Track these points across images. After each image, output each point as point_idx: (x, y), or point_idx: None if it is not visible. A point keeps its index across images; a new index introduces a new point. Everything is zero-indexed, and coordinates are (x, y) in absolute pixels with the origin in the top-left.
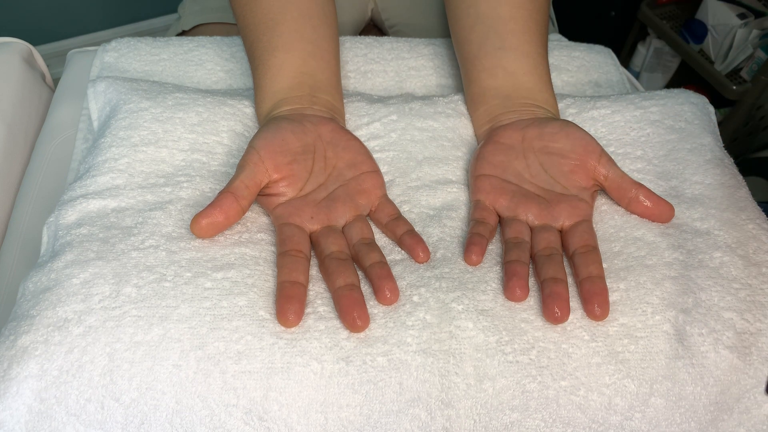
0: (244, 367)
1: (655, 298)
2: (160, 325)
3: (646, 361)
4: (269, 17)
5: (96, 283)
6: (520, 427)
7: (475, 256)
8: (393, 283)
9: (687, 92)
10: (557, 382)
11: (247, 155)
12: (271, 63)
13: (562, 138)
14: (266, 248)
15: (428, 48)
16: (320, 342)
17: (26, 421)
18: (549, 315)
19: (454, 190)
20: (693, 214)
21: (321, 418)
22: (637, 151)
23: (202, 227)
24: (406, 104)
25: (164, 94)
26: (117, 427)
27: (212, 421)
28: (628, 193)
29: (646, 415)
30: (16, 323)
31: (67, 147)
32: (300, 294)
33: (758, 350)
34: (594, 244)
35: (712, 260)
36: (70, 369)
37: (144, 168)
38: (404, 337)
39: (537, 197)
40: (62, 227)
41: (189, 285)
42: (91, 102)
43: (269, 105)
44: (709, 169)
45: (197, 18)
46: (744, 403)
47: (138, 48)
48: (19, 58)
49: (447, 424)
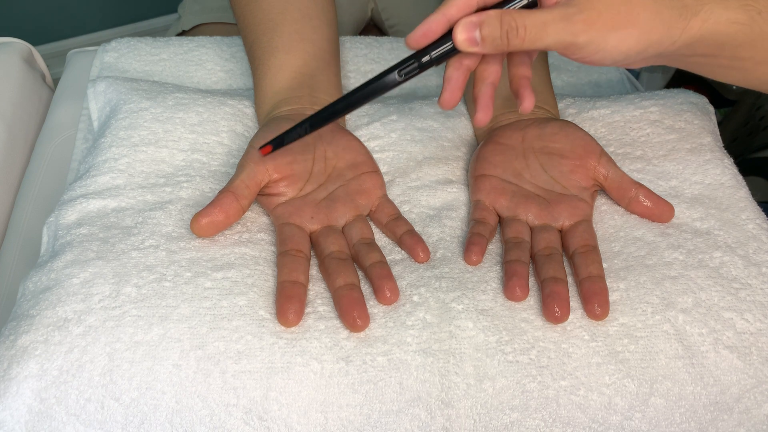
0: (244, 367)
1: (655, 298)
2: (160, 324)
3: (646, 361)
4: (269, 18)
5: (96, 283)
6: (520, 426)
7: (475, 256)
8: (393, 282)
9: (687, 92)
10: (557, 381)
11: (247, 155)
12: (271, 63)
13: (562, 138)
14: (266, 248)
15: None
16: (320, 342)
17: (26, 421)
18: (549, 315)
19: (454, 190)
20: (693, 214)
21: (321, 417)
22: (636, 151)
23: (202, 226)
24: (406, 104)
25: (164, 94)
26: (117, 426)
27: (212, 421)
28: (628, 193)
29: (646, 415)
30: (16, 323)
31: (67, 147)
32: (300, 294)
33: (758, 350)
34: (594, 243)
35: (712, 260)
36: (70, 369)
37: (144, 168)
38: (404, 337)
39: (537, 197)
40: (62, 227)
41: (189, 285)
42: (91, 102)
43: (269, 105)
44: (709, 169)
45: (197, 18)
46: (744, 403)
47: (138, 48)
48: (19, 58)
49: (447, 423)
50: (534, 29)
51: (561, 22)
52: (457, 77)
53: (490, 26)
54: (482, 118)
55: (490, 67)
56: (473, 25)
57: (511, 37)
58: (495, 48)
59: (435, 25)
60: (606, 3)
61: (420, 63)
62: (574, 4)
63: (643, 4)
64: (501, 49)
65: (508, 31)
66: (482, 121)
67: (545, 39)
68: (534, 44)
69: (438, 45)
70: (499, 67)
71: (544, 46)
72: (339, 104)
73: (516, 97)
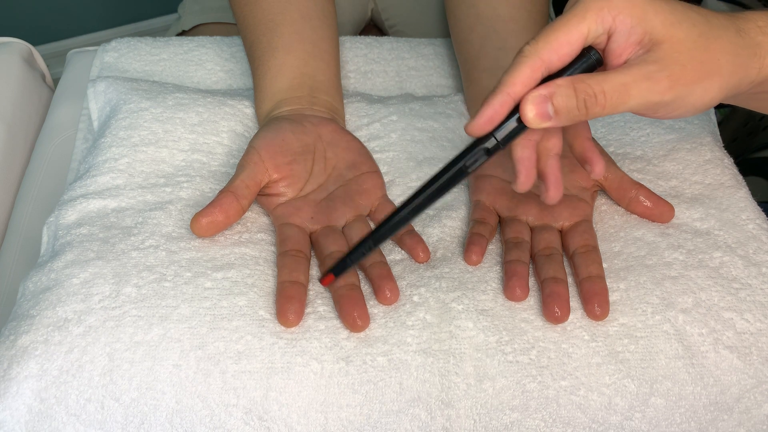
0: (244, 367)
1: (655, 298)
2: (160, 325)
3: (646, 361)
4: (269, 18)
5: (96, 283)
6: (520, 427)
7: (475, 256)
8: (393, 282)
9: None
10: (557, 382)
11: (247, 155)
12: (271, 64)
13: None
14: (266, 248)
15: (428, 48)
16: (320, 342)
17: (26, 421)
18: (549, 315)
19: (454, 190)
20: (693, 214)
21: (321, 417)
22: (636, 151)
23: (202, 226)
24: (406, 105)
25: (164, 94)
26: (117, 427)
27: (212, 421)
28: (628, 193)
29: (646, 415)
30: (16, 323)
31: (67, 147)
32: (300, 294)
33: (758, 350)
34: (594, 244)
35: (712, 260)
36: (70, 369)
37: (144, 168)
38: (404, 337)
39: (537, 197)
40: (62, 227)
41: (189, 285)
42: (91, 102)
43: (269, 105)
44: (709, 169)
45: (197, 18)
46: (744, 403)
47: (138, 48)
48: (19, 58)
49: (447, 424)
50: (615, 94)
51: (644, 82)
52: (528, 156)
53: (563, 97)
54: (554, 195)
55: (552, 138)
56: (544, 99)
57: (590, 105)
58: (571, 119)
59: (499, 106)
60: (687, 55)
61: (487, 150)
62: (654, 61)
63: (722, 50)
64: (578, 120)
65: (585, 100)
66: (555, 198)
67: (628, 102)
68: (615, 109)
69: (503, 126)
70: (560, 136)
71: (626, 109)
72: (403, 211)
73: (583, 162)
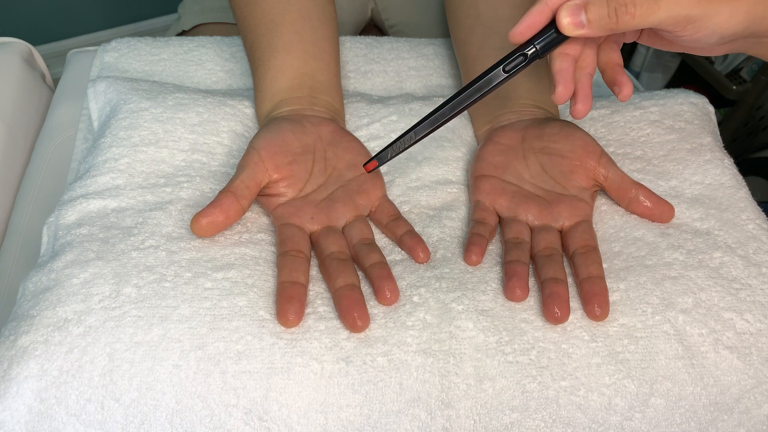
0: (244, 367)
1: (655, 298)
2: (160, 325)
3: (646, 361)
4: (269, 18)
5: (96, 283)
6: (520, 427)
7: (475, 257)
8: (393, 283)
9: (687, 92)
10: (557, 382)
11: (247, 155)
12: (271, 64)
13: (562, 138)
14: (266, 248)
15: (428, 48)
16: (320, 342)
17: (26, 421)
18: (549, 315)
19: (454, 190)
20: (693, 214)
21: (321, 418)
22: (636, 151)
23: (202, 226)
24: (406, 105)
25: (164, 94)
26: (117, 427)
27: (212, 421)
28: (628, 193)
29: (646, 416)
30: (16, 323)
31: (67, 147)
32: (300, 294)
33: (758, 350)
34: (594, 244)
35: (712, 260)
36: (70, 369)
37: (144, 168)
38: (404, 338)
39: (537, 198)
40: (62, 227)
41: (189, 285)
42: (91, 102)
43: (269, 106)
44: (709, 169)
45: (197, 18)
46: (744, 403)
47: (138, 48)
48: (19, 58)
49: (447, 424)
50: (645, 4)
51: None
52: (567, 68)
53: (596, 5)
54: (583, 109)
55: (587, 58)
56: (578, 8)
57: (620, 14)
58: (603, 29)
59: (538, 15)
60: None
61: (526, 55)
62: None
63: None
64: (609, 29)
65: (616, 9)
66: (583, 113)
67: (658, 13)
68: (645, 20)
69: (541, 35)
70: (594, 56)
71: (656, 21)
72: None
73: (612, 85)
